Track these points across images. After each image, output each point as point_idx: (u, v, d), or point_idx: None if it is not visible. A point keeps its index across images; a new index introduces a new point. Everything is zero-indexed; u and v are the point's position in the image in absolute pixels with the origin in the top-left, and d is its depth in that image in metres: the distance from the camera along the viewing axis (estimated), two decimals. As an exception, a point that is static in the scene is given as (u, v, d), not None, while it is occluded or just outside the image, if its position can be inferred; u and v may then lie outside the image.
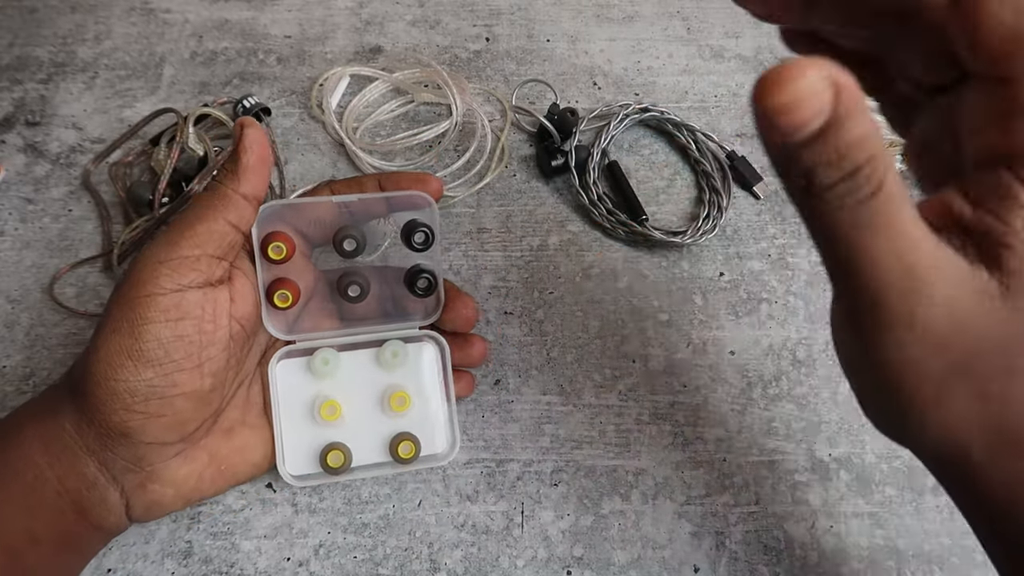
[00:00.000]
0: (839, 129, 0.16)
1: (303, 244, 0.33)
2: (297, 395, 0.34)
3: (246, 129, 0.30)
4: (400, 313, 0.35)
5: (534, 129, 0.47)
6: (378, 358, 0.35)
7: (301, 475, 0.33)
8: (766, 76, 0.16)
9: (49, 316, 0.40)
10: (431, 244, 0.33)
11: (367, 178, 0.33)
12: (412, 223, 0.33)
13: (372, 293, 0.34)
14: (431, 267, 0.34)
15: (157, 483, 0.30)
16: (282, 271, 0.32)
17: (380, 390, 0.34)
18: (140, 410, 0.27)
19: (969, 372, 0.20)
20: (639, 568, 0.34)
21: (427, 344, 0.35)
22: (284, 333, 0.33)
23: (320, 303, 0.35)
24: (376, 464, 0.34)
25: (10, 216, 0.43)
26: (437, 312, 0.34)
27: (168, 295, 0.28)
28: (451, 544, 0.34)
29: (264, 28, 0.52)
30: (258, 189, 0.30)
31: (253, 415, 0.33)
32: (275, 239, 0.31)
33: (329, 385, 0.34)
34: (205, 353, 0.28)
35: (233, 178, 0.29)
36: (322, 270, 0.35)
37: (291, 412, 0.34)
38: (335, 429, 0.34)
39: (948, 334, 0.19)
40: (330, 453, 0.33)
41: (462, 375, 0.36)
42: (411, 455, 0.33)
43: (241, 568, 0.34)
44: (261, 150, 0.30)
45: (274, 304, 0.32)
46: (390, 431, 0.34)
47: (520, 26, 0.53)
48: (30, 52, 0.50)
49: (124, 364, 0.27)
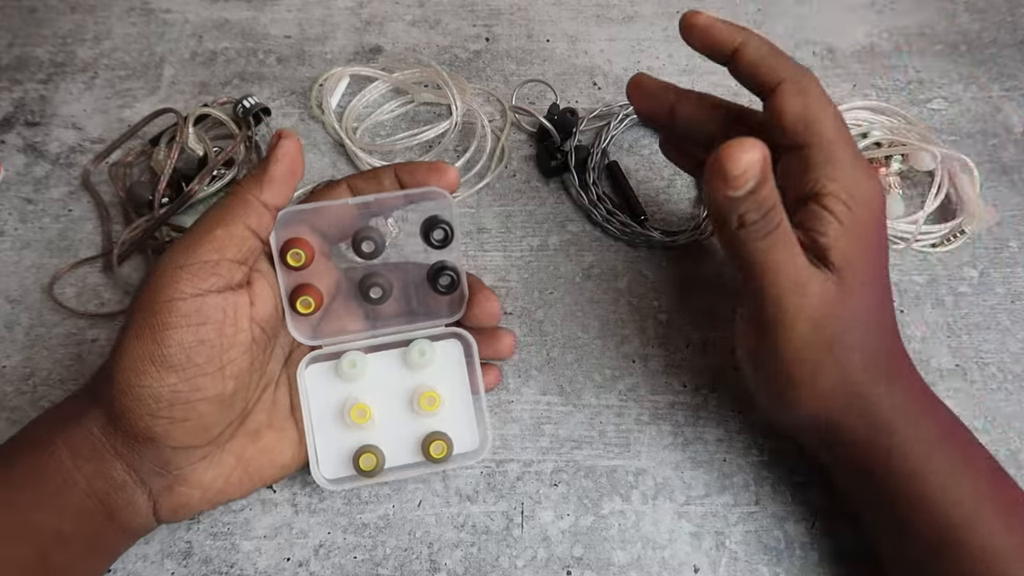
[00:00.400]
0: (763, 187, 0.25)
1: (322, 244, 0.33)
2: (327, 399, 0.34)
3: (282, 140, 0.30)
4: (425, 311, 0.35)
5: (534, 129, 0.47)
6: (405, 358, 0.34)
7: (336, 479, 0.33)
8: (723, 153, 0.24)
9: (49, 316, 0.40)
10: (451, 240, 0.33)
11: (383, 170, 0.33)
12: (431, 220, 0.33)
13: (395, 293, 0.34)
14: (453, 264, 0.33)
15: (185, 486, 0.30)
16: (303, 277, 0.32)
17: (409, 390, 0.34)
18: (165, 415, 0.28)
19: (832, 349, 0.28)
20: (639, 568, 0.34)
21: (454, 342, 0.35)
22: (309, 338, 0.33)
23: (343, 303, 0.35)
24: (409, 465, 0.34)
25: (10, 216, 0.43)
26: (462, 309, 0.34)
27: (189, 300, 0.28)
28: (451, 544, 0.34)
29: (264, 28, 0.52)
30: (281, 199, 0.30)
31: (280, 417, 0.33)
32: (294, 245, 0.31)
33: (358, 388, 0.34)
34: (227, 356, 0.28)
35: (257, 185, 0.29)
36: (343, 268, 0.35)
37: (322, 416, 0.33)
38: (366, 431, 0.34)
39: (820, 321, 0.27)
40: (363, 456, 0.32)
41: (489, 368, 0.36)
42: (443, 454, 0.33)
43: (241, 568, 0.34)
44: (292, 163, 0.30)
45: (297, 310, 0.32)
46: (421, 431, 0.34)
47: (520, 26, 0.53)
48: (30, 52, 0.50)
49: (147, 370, 0.27)
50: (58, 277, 0.41)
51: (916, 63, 0.51)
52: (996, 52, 0.52)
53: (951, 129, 0.48)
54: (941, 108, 0.49)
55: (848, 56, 0.52)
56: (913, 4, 0.55)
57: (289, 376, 0.34)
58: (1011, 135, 0.48)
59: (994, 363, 0.39)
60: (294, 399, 0.34)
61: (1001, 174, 0.46)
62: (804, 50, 0.52)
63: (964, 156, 0.43)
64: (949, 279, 0.42)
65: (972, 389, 0.38)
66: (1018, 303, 0.41)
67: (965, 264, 0.43)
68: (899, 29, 0.53)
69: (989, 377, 0.39)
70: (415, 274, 0.34)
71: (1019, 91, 0.50)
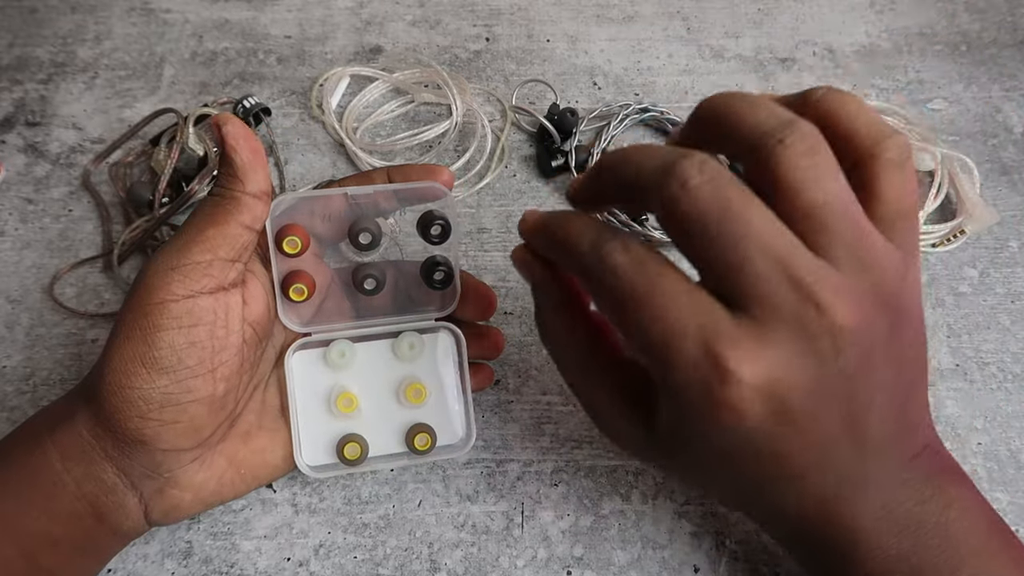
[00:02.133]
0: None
1: (314, 244, 0.33)
2: (313, 387, 0.34)
3: (225, 128, 0.28)
4: (416, 305, 0.35)
5: (534, 129, 0.47)
6: (394, 350, 0.34)
7: (318, 466, 0.33)
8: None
9: (49, 316, 0.40)
10: (448, 236, 0.33)
11: (376, 172, 0.33)
12: (428, 215, 0.32)
13: (388, 286, 0.34)
14: (447, 259, 0.33)
15: (176, 488, 0.29)
16: (297, 264, 0.32)
17: (396, 382, 0.34)
18: (155, 417, 0.27)
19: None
20: (639, 568, 0.34)
21: (443, 335, 0.35)
22: (299, 326, 0.33)
23: (335, 302, 0.35)
24: (392, 455, 0.34)
25: (10, 216, 0.43)
26: (453, 303, 0.34)
27: (181, 301, 0.27)
28: (451, 544, 0.34)
29: (264, 28, 0.52)
30: (263, 182, 0.29)
31: (270, 418, 0.33)
32: (290, 232, 0.31)
33: (345, 377, 0.34)
34: (218, 358, 0.28)
35: (235, 181, 0.29)
36: (336, 267, 0.35)
37: (307, 404, 0.33)
38: (352, 421, 0.34)
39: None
40: (347, 445, 0.33)
41: (480, 368, 0.36)
42: (427, 446, 0.33)
43: (241, 568, 0.34)
44: (249, 143, 0.29)
45: (290, 298, 0.32)
46: (406, 422, 0.34)
47: (520, 26, 0.53)
48: (30, 52, 0.50)
49: (138, 372, 0.27)
50: (58, 277, 0.41)
51: (916, 63, 0.51)
52: (996, 52, 0.52)
53: (951, 129, 0.48)
54: (941, 108, 0.49)
55: (848, 56, 0.52)
56: (913, 4, 0.55)
57: (279, 377, 0.34)
58: (1011, 135, 0.48)
59: (994, 363, 0.39)
60: (284, 399, 0.33)
61: (1001, 174, 0.46)
62: (804, 50, 0.52)
63: (964, 156, 0.43)
64: (949, 279, 0.42)
65: (972, 389, 0.38)
66: (1018, 303, 0.41)
67: (965, 264, 0.43)
68: (899, 29, 0.53)
69: (989, 377, 0.39)
70: (410, 269, 0.34)
71: (1019, 91, 0.50)
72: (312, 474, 0.33)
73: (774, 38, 0.52)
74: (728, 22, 0.53)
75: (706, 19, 0.53)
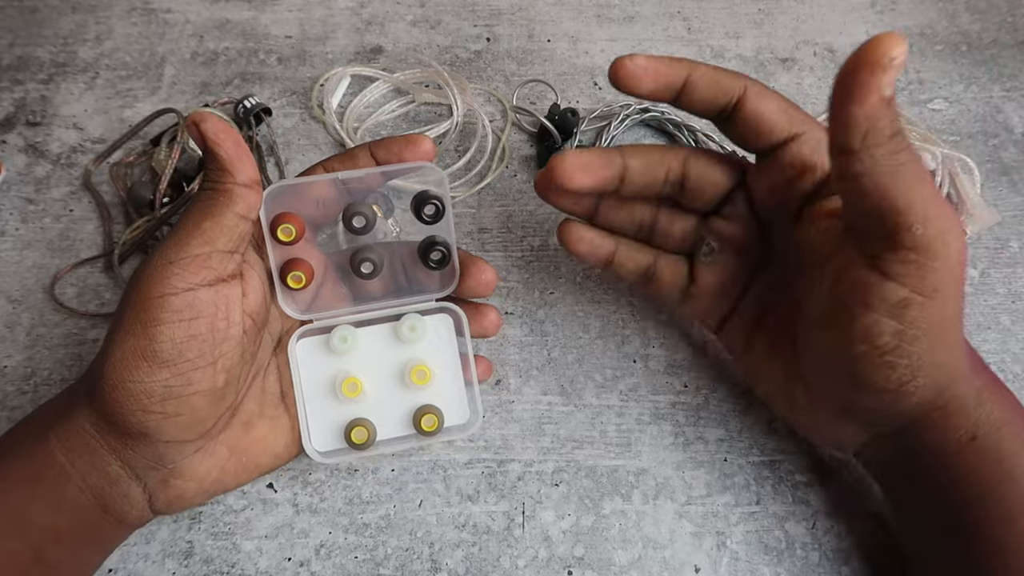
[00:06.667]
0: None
1: (307, 230, 0.33)
2: (318, 373, 0.34)
3: (203, 125, 0.28)
4: (415, 287, 0.35)
5: (535, 129, 0.47)
6: (396, 332, 0.34)
7: (327, 451, 0.33)
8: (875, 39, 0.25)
9: (50, 316, 0.40)
10: (442, 215, 0.33)
11: (358, 149, 0.33)
12: (422, 195, 0.32)
13: (385, 269, 0.34)
14: (443, 238, 0.33)
15: (179, 478, 0.30)
16: (293, 252, 0.32)
17: (400, 364, 0.34)
18: (157, 411, 0.27)
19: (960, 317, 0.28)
20: (640, 568, 0.34)
21: (444, 316, 0.35)
22: (300, 313, 0.33)
23: (332, 288, 0.35)
24: (400, 438, 0.34)
25: (11, 216, 0.43)
26: (453, 283, 0.34)
27: (180, 295, 0.27)
28: (452, 544, 0.34)
29: (265, 28, 0.52)
30: (252, 172, 0.29)
31: (270, 406, 0.33)
32: (284, 220, 0.31)
33: (349, 362, 0.34)
34: (219, 350, 0.28)
35: (224, 173, 0.29)
36: (331, 254, 0.35)
37: (313, 390, 0.34)
38: (358, 405, 0.34)
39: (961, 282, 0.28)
40: (354, 429, 0.33)
41: (479, 359, 0.36)
42: (434, 427, 0.33)
43: (242, 568, 0.34)
44: (230, 135, 0.29)
45: (288, 285, 0.32)
46: (412, 404, 0.34)
47: (521, 26, 0.53)
48: (31, 52, 0.50)
49: (139, 366, 0.27)
50: (59, 277, 0.41)
51: (916, 63, 0.51)
52: (996, 52, 0.52)
53: (951, 129, 0.48)
54: (941, 108, 0.49)
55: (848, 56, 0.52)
56: (913, 4, 0.55)
57: (279, 364, 0.34)
58: (1011, 135, 0.48)
59: (995, 363, 0.39)
60: (284, 386, 0.34)
61: (1001, 174, 0.46)
62: (804, 50, 0.52)
63: (964, 156, 0.43)
64: (950, 279, 0.42)
65: (973, 389, 0.38)
66: (1019, 303, 0.41)
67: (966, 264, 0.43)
68: (900, 29, 0.53)
69: (990, 377, 0.39)
70: (407, 250, 0.34)
71: (1019, 91, 0.50)
72: (321, 459, 0.33)
73: (775, 38, 0.52)
74: (728, 22, 0.53)
75: (706, 19, 0.53)
